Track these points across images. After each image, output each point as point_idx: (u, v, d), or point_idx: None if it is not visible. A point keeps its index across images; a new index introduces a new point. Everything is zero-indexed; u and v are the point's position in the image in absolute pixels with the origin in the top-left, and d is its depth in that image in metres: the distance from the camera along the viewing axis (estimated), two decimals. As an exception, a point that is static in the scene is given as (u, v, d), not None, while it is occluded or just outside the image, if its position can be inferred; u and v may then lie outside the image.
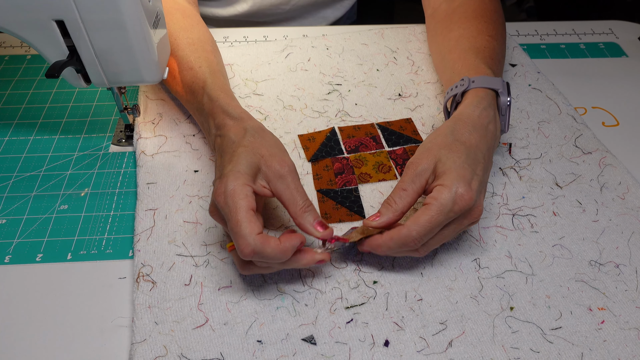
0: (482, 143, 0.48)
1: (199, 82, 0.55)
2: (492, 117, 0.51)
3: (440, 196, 0.44)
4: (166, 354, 0.43)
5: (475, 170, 0.46)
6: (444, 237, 0.46)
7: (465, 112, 0.51)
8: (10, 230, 0.52)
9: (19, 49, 0.76)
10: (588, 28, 0.82)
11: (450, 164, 0.46)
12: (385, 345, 0.44)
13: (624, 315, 0.46)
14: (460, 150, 0.47)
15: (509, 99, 0.53)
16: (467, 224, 0.46)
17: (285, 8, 0.87)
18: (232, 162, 0.45)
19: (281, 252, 0.42)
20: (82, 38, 0.47)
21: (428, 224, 0.44)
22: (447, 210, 0.43)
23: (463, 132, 0.49)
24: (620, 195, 0.56)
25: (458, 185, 0.44)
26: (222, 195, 0.43)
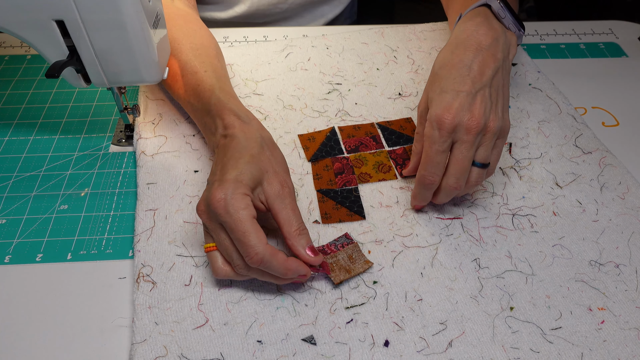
0: (465, 55, 0.49)
1: (206, 85, 0.55)
2: (480, 22, 0.51)
3: (426, 131, 0.48)
4: (166, 354, 0.43)
5: (460, 88, 0.47)
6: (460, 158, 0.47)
7: (451, 37, 0.53)
8: (10, 230, 0.52)
9: (19, 49, 0.76)
10: (588, 28, 0.82)
11: (432, 95, 0.49)
12: (385, 346, 0.44)
13: (624, 315, 0.46)
14: (441, 77, 0.49)
15: (501, 3, 0.52)
16: (471, 138, 0.47)
17: (284, 7, 0.87)
18: (236, 168, 0.45)
19: (285, 268, 0.43)
20: (82, 38, 0.47)
21: (427, 158, 0.48)
22: (436, 138, 0.47)
23: (445, 56, 0.51)
24: (620, 195, 0.56)
25: (435, 112, 0.47)
26: (222, 202, 0.42)
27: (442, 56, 0.51)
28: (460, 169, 0.48)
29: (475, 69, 0.48)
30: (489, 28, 0.51)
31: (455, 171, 0.48)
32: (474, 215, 0.54)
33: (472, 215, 0.54)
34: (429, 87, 0.51)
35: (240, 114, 0.51)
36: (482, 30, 0.50)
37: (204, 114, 0.54)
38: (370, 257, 0.50)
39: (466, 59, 0.49)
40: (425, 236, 0.52)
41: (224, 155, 0.47)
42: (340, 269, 0.48)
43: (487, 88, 0.48)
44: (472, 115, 0.46)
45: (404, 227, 0.53)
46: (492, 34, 0.50)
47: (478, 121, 0.46)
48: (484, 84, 0.48)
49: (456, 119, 0.46)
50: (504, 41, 0.51)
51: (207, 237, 0.46)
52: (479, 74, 0.48)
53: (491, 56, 0.49)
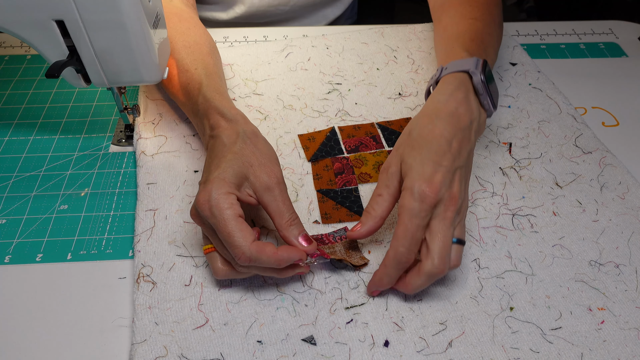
0: (447, 130, 0.47)
1: (195, 83, 0.55)
2: (461, 99, 0.49)
3: (404, 202, 0.44)
4: (166, 354, 0.43)
5: (440, 162, 0.45)
6: (444, 236, 0.43)
7: (431, 103, 0.50)
8: (10, 230, 0.52)
9: (19, 49, 0.76)
10: (588, 28, 0.82)
11: (411, 162, 0.45)
12: (385, 346, 0.44)
13: (624, 315, 0.46)
14: (421, 146, 0.46)
15: (482, 77, 0.51)
16: (451, 215, 0.44)
17: (285, 9, 0.86)
18: (219, 167, 0.45)
19: (277, 260, 0.42)
20: (82, 38, 0.47)
21: (405, 233, 0.43)
22: (417, 212, 0.43)
23: (425, 125, 0.48)
24: (620, 195, 0.56)
25: (418, 184, 0.44)
26: (207, 204, 0.43)
27: (421, 125, 0.48)
28: (445, 248, 0.43)
29: (455, 146, 0.46)
30: (467, 109, 0.49)
31: (441, 249, 0.43)
32: (473, 215, 0.54)
33: (472, 215, 0.54)
34: (402, 150, 0.47)
35: (225, 112, 0.50)
36: (461, 110, 0.49)
37: (194, 114, 0.55)
38: (370, 257, 0.50)
39: (447, 133, 0.47)
40: (425, 236, 0.52)
41: (209, 157, 0.47)
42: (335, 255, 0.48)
43: (463, 168, 0.47)
44: (452, 194, 0.44)
45: (404, 227, 0.53)
46: (469, 115, 0.49)
47: (457, 200, 0.44)
48: (461, 164, 0.46)
49: (439, 195, 0.44)
50: (477, 123, 0.50)
51: (205, 239, 0.46)
52: (457, 152, 0.47)
53: (467, 138, 0.48)
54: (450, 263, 0.44)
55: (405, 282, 0.45)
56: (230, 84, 0.69)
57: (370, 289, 0.47)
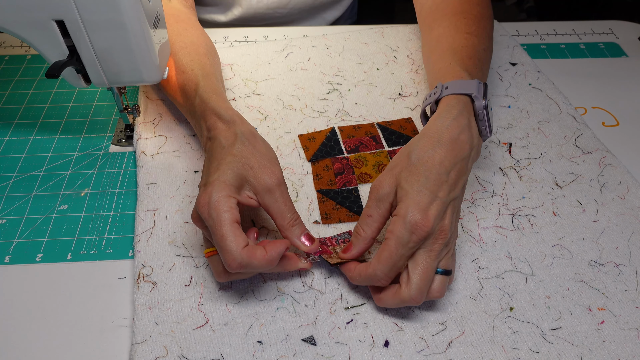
0: (447, 159, 0.45)
1: (191, 84, 0.54)
2: (464, 125, 0.48)
3: (395, 228, 0.43)
4: (166, 354, 0.43)
5: (437, 192, 0.44)
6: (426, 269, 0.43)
7: (433, 126, 0.48)
8: (10, 230, 0.52)
9: (19, 49, 0.76)
10: (588, 28, 0.82)
11: (408, 188, 0.44)
12: (385, 346, 0.44)
13: (624, 316, 0.46)
14: (419, 172, 0.44)
15: (485, 102, 0.50)
16: (438, 248, 0.43)
17: (283, 12, 0.86)
18: (218, 170, 0.45)
19: (268, 262, 0.42)
20: (82, 38, 0.47)
21: (388, 260, 0.43)
22: (405, 242, 0.42)
23: (426, 149, 0.46)
24: (620, 195, 0.56)
25: (413, 214, 0.42)
26: (206, 206, 0.42)
27: (422, 149, 0.46)
28: (425, 280, 0.43)
29: (452, 177, 0.45)
30: (468, 137, 0.47)
31: (421, 281, 0.43)
32: (473, 215, 0.54)
33: (471, 215, 0.54)
34: (399, 172, 0.46)
35: (221, 113, 0.50)
36: (463, 137, 0.47)
37: (191, 116, 0.55)
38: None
39: (447, 163, 0.45)
40: (425, 236, 0.52)
41: (208, 159, 0.47)
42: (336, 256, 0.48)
43: (457, 200, 0.46)
44: (443, 227, 0.43)
45: (404, 227, 0.53)
46: (469, 143, 0.47)
47: (446, 234, 0.43)
48: (455, 195, 0.45)
49: (432, 228, 0.42)
50: (476, 151, 0.49)
51: (206, 242, 0.46)
52: (454, 183, 0.45)
53: (464, 167, 0.47)
54: (432, 294, 0.44)
55: (379, 296, 0.45)
56: (230, 84, 0.69)
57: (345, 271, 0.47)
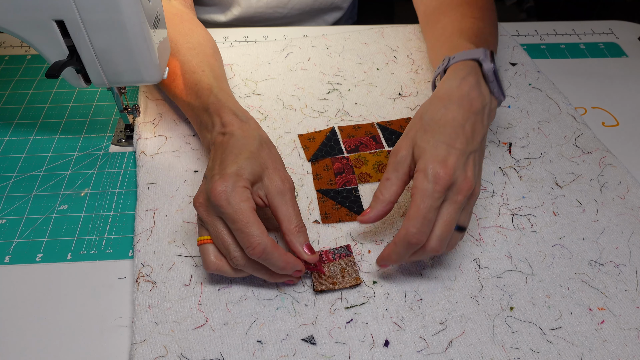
0: (459, 114, 0.47)
1: (204, 84, 0.55)
2: (473, 84, 0.49)
3: (418, 183, 0.44)
4: (166, 354, 0.43)
5: (453, 144, 0.45)
6: (449, 220, 0.44)
7: (442, 88, 0.50)
8: (10, 230, 0.52)
9: (19, 49, 0.76)
10: (588, 28, 0.82)
11: (424, 145, 0.45)
12: (385, 346, 0.44)
13: (624, 315, 0.46)
14: (434, 129, 0.46)
15: (493, 65, 0.51)
16: (461, 199, 0.44)
17: (283, 12, 0.86)
18: (236, 163, 0.45)
19: (284, 262, 0.43)
20: (82, 38, 0.47)
21: (417, 214, 0.43)
22: (430, 194, 0.43)
23: (438, 109, 0.48)
24: (620, 195, 0.56)
25: (432, 166, 0.44)
26: (224, 194, 0.43)
27: (434, 109, 0.48)
28: (447, 232, 0.44)
29: (468, 129, 0.46)
30: (479, 93, 0.49)
31: (442, 233, 0.44)
32: (473, 215, 0.54)
33: (471, 215, 0.54)
34: (414, 134, 0.47)
35: (239, 113, 0.51)
36: (473, 94, 0.48)
37: (202, 112, 0.54)
38: (370, 257, 0.50)
39: (460, 117, 0.47)
40: (425, 236, 0.52)
41: (223, 151, 0.47)
42: (327, 278, 0.48)
43: (476, 152, 0.47)
44: (466, 177, 0.44)
45: (404, 227, 0.53)
46: (481, 100, 0.49)
47: (470, 184, 0.44)
48: (474, 148, 0.46)
49: (453, 177, 0.43)
50: (489, 109, 0.50)
51: (201, 230, 0.46)
52: (470, 135, 0.46)
53: (480, 122, 0.48)
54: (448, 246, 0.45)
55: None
56: (230, 84, 0.69)
57: (379, 262, 0.47)
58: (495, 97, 0.52)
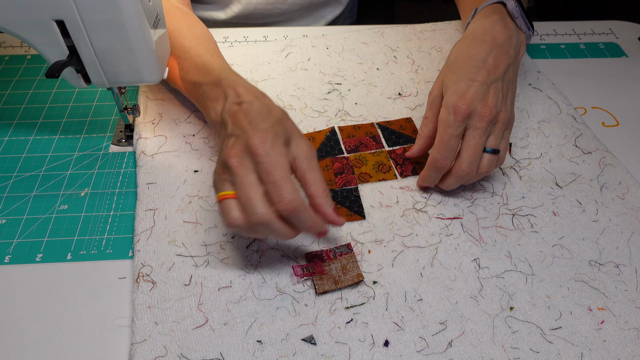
0: (482, 49, 0.52)
1: (215, 65, 0.54)
2: (497, 19, 0.54)
3: (441, 115, 0.51)
4: (166, 354, 0.43)
5: (474, 77, 0.50)
6: (473, 145, 0.50)
7: (468, 29, 0.56)
8: (10, 230, 0.52)
9: (19, 49, 0.76)
10: (588, 28, 0.82)
11: (448, 83, 0.52)
12: (385, 346, 0.44)
13: (624, 315, 0.46)
14: (457, 67, 0.52)
15: (516, 3, 0.56)
16: (484, 125, 0.49)
17: (282, 8, 0.86)
18: (269, 122, 0.44)
19: (313, 221, 0.43)
20: (82, 38, 0.47)
21: (440, 141, 0.50)
22: (450, 123, 0.49)
23: (462, 47, 0.53)
24: (620, 195, 0.56)
25: (452, 98, 0.50)
26: (265, 145, 0.42)
27: (458, 48, 0.54)
28: (473, 155, 0.50)
29: (490, 62, 0.51)
30: (504, 26, 0.54)
31: (469, 156, 0.50)
32: (474, 215, 0.54)
33: (472, 215, 0.54)
34: (443, 75, 0.53)
35: (253, 89, 0.50)
36: (497, 28, 0.54)
37: (211, 87, 0.52)
38: (370, 257, 0.50)
39: (482, 52, 0.52)
40: (425, 236, 0.52)
41: (247, 116, 0.45)
42: (328, 278, 0.48)
43: (499, 81, 0.51)
44: (486, 104, 0.49)
45: (404, 227, 0.53)
46: (506, 32, 0.54)
47: (491, 110, 0.49)
48: (497, 77, 0.51)
49: (471, 106, 0.49)
50: (517, 40, 0.55)
51: (223, 185, 0.43)
52: (493, 67, 0.51)
53: (505, 52, 0.52)
54: (481, 169, 0.51)
55: (442, 183, 0.54)
56: (230, 84, 0.69)
57: (419, 184, 0.55)
58: (522, 31, 0.57)
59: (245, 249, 0.50)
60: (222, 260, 0.49)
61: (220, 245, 0.50)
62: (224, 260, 0.49)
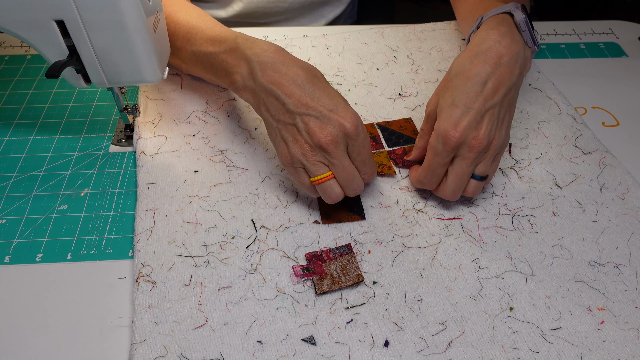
0: (484, 70, 0.48)
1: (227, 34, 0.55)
2: (504, 32, 0.50)
3: (431, 141, 0.50)
4: (166, 354, 0.43)
5: (471, 104, 0.48)
6: (460, 173, 0.49)
7: (473, 40, 0.52)
8: (10, 230, 0.52)
9: (19, 49, 0.76)
10: (588, 28, 0.82)
11: (442, 104, 0.50)
12: (385, 346, 0.44)
13: (624, 316, 0.46)
14: (455, 87, 0.49)
15: (524, 15, 0.52)
16: (472, 156, 0.48)
17: (283, 6, 0.86)
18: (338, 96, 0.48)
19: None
20: (82, 38, 0.47)
21: (428, 168, 0.51)
22: (439, 151, 0.49)
23: (464, 62, 0.50)
24: (620, 196, 0.56)
25: (443, 127, 0.48)
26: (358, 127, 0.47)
27: (460, 62, 0.50)
28: (458, 183, 0.50)
29: (489, 86, 0.48)
30: (512, 40, 0.50)
31: (454, 184, 0.50)
32: (473, 216, 0.54)
33: (471, 215, 0.54)
34: (441, 90, 0.51)
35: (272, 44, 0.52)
36: (505, 42, 0.49)
37: (231, 53, 0.53)
38: (370, 257, 0.50)
39: (483, 73, 0.48)
40: (425, 236, 0.52)
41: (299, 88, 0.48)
42: (328, 278, 0.48)
43: (497, 107, 0.48)
44: (477, 135, 0.47)
45: (404, 227, 0.53)
46: (514, 48, 0.49)
47: (481, 142, 0.47)
48: (494, 103, 0.48)
49: (462, 138, 0.47)
50: (523, 57, 0.51)
51: (320, 167, 0.48)
52: (492, 92, 0.48)
53: (508, 72, 0.49)
54: (466, 194, 0.51)
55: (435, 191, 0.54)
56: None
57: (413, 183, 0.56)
58: (528, 46, 0.54)
59: (245, 249, 0.50)
60: (222, 260, 0.49)
61: (220, 245, 0.50)
62: (224, 260, 0.49)
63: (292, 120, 0.48)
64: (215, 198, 0.54)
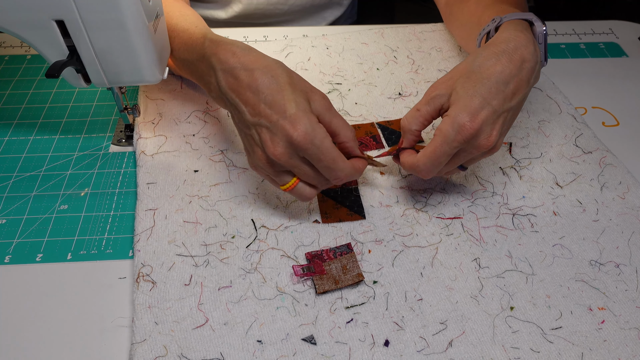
0: (507, 69, 0.46)
1: (197, 35, 0.53)
2: (530, 39, 0.48)
3: (443, 127, 0.46)
4: (166, 354, 0.43)
5: (491, 100, 0.45)
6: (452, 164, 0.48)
7: (500, 36, 0.48)
8: (10, 230, 0.52)
9: (19, 49, 0.76)
10: (588, 28, 0.82)
11: (462, 93, 0.46)
12: (385, 345, 0.44)
13: (624, 315, 0.46)
14: (477, 80, 0.46)
15: (545, 28, 0.50)
16: (477, 154, 0.47)
17: (283, 8, 0.87)
18: (292, 100, 0.44)
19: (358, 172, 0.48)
20: (82, 38, 0.47)
21: (432, 155, 0.46)
22: (450, 140, 0.45)
23: (488, 58, 0.47)
24: (620, 195, 0.56)
25: (461, 116, 0.45)
26: (308, 137, 0.43)
27: (485, 56, 0.47)
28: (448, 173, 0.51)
29: (510, 88, 0.46)
30: (535, 49, 0.48)
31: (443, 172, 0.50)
32: (474, 215, 0.54)
33: (472, 215, 0.54)
34: (459, 79, 0.47)
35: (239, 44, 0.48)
36: (530, 48, 0.47)
37: (200, 62, 0.51)
38: (370, 257, 0.50)
39: (507, 72, 0.46)
40: (425, 236, 0.52)
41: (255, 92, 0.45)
42: (328, 278, 0.48)
43: (511, 111, 0.47)
44: (489, 136, 0.46)
45: (404, 226, 0.53)
46: (535, 57, 0.48)
47: (490, 144, 0.46)
48: (511, 106, 0.47)
49: (478, 131, 0.45)
50: (537, 68, 0.49)
51: (283, 177, 0.47)
52: (511, 94, 0.47)
53: (526, 81, 0.47)
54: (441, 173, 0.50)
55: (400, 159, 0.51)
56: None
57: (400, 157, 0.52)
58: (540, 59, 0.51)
59: (246, 249, 0.50)
60: (222, 260, 0.49)
61: (220, 245, 0.50)
62: (224, 260, 0.49)
63: (248, 131, 0.47)
64: (215, 198, 0.54)
